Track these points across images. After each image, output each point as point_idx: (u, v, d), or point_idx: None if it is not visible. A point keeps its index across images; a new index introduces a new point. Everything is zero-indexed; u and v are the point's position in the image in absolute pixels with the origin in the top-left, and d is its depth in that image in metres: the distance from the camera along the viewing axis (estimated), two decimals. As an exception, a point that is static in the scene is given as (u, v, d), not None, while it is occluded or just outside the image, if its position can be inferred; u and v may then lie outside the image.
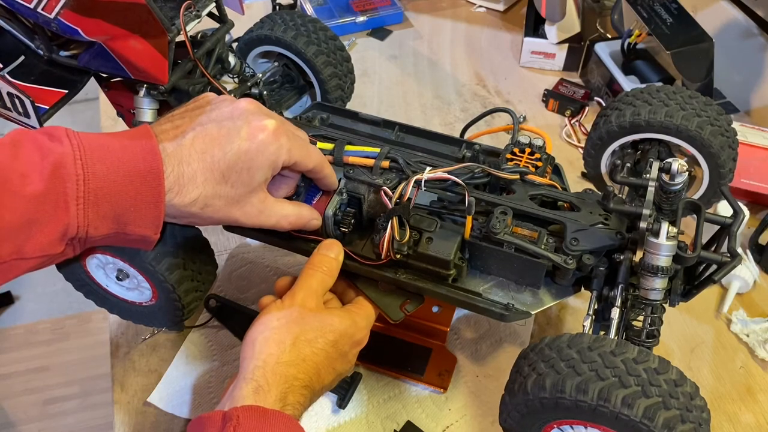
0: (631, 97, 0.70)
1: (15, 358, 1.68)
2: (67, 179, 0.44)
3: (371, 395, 0.67)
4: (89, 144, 0.45)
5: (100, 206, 0.45)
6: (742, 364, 0.70)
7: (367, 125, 0.70)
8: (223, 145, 0.49)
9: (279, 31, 0.79)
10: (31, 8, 0.56)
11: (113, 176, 0.45)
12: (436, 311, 0.71)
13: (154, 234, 0.48)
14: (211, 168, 0.49)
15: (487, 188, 0.62)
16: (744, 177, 0.80)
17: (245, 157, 0.50)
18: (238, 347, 0.70)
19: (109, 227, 0.46)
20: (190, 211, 0.49)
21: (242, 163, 0.50)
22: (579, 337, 0.50)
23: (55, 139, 0.45)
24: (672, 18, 0.89)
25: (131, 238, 0.48)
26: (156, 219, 0.48)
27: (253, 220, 0.53)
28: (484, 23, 1.19)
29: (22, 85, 0.63)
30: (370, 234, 0.61)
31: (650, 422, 0.46)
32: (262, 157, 0.50)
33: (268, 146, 0.50)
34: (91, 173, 0.44)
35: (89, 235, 0.46)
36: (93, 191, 0.44)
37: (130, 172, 0.46)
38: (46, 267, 0.48)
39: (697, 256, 0.54)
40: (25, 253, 0.44)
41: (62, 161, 0.44)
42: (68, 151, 0.44)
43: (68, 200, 0.44)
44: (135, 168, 0.46)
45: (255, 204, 0.53)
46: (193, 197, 0.48)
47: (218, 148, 0.49)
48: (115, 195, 0.45)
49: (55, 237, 0.44)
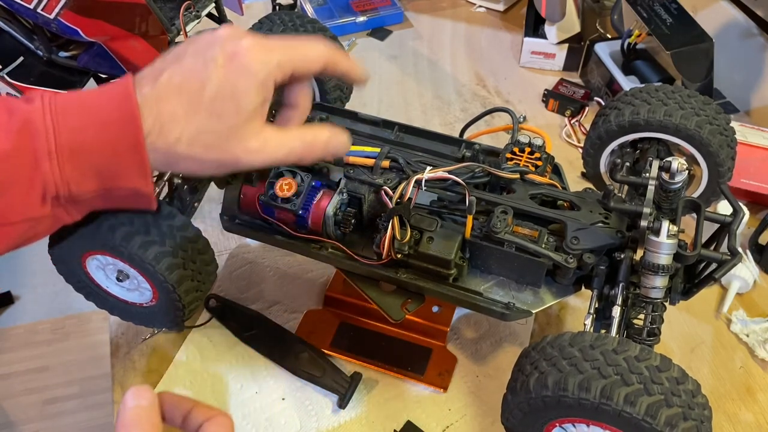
0: (630, 96, 0.70)
1: (15, 358, 1.68)
2: (36, 135, 0.42)
3: (371, 395, 0.67)
4: (62, 100, 0.43)
5: (78, 160, 0.43)
6: (741, 363, 0.70)
7: (366, 125, 0.70)
8: (201, 75, 0.45)
9: (278, 31, 0.79)
10: (31, 9, 0.56)
11: (87, 128, 0.43)
12: (436, 311, 0.71)
13: (145, 185, 0.45)
14: (190, 101, 0.45)
15: (487, 188, 0.62)
16: (744, 177, 0.80)
17: (226, 83, 0.45)
18: (239, 347, 0.70)
19: (95, 183, 0.44)
20: (177, 152, 0.45)
21: (225, 91, 0.45)
22: (581, 336, 0.51)
23: (28, 101, 0.43)
24: (672, 18, 0.89)
25: (125, 194, 0.45)
26: (141, 166, 0.44)
27: (260, 156, 0.47)
28: (484, 23, 1.19)
29: (21, 86, 0.63)
30: (371, 234, 0.61)
31: (652, 420, 0.46)
32: (246, 80, 0.45)
33: (249, 66, 0.45)
34: (63, 126, 0.42)
35: (73, 192, 0.43)
36: (66, 144, 0.42)
37: (104, 120, 0.43)
38: (41, 236, 0.46)
39: (698, 255, 0.54)
40: (7, 218, 0.42)
41: (30, 117, 0.42)
42: (38, 107, 0.42)
43: (39, 156, 0.42)
44: (109, 116, 0.43)
45: (254, 136, 0.47)
46: (176, 135, 0.44)
47: (195, 79, 0.45)
48: (91, 146, 0.43)
49: (34, 197, 0.42)
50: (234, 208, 0.64)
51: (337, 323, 0.71)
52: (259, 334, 0.71)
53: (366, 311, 0.70)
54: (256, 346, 0.70)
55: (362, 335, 0.70)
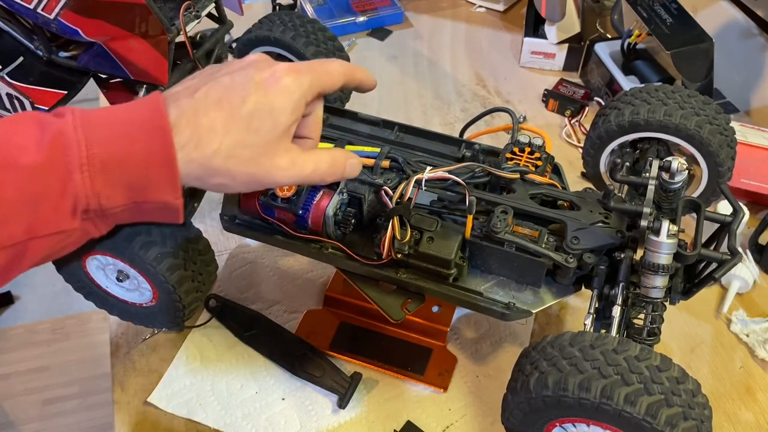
0: (629, 96, 0.70)
1: (15, 358, 1.68)
2: (68, 147, 0.42)
3: (371, 395, 0.67)
4: (92, 114, 0.44)
5: (109, 173, 0.43)
6: (741, 363, 0.70)
7: (366, 125, 0.70)
8: (240, 92, 0.46)
9: (278, 31, 0.79)
10: (31, 9, 0.56)
11: (118, 140, 0.43)
12: (436, 311, 0.71)
13: (175, 198, 0.45)
14: (231, 115, 0.46)
15: (487, 187, 0.62)
16: (744, 177, 0.80)
17: (264, 100, 0.47)
18: (239, 347, 0.71)
19: (125, 196, 0.44)
20: (213, 165, 0.45)
21: (263, 108, 0.46)
22: (581, 335, 0.51)
23: (58, 114, 0.44)
24: (672, 18, 0.89)
25: (153, 207, 0.45)
26: (172, 180, 0.44)
27: (289, 173, 0.48)
28: (484, 23, 1.19)
29: (21, 86, 0.63)
30: (371, 234, 0.61)
31: (653, 420, 0.46)
32: (282, 99, 0.47)
33: (285, 86, 0.47)
34: (94, 138, 0.42)
35: (103, 206, 0.44)
36: (97, 156, 0.42)
37: (135, 133, 0.43)
38: (68, 249, 0.46)
39: (698, 254, 0.54)
40: (37, 231, 0.42)
41: (62, 130, 0.42)
42: (69, 121, 0.43)
43: (71, 168, 0.42)
44: (140, 128, 0.43)
45: (285, 153, 0.48)
46: (214, 147, 0.45)
47: (234, 94, 0.46)
48: (122, 159, 0.43)
49: (65, 210, 0.42)
50: (234, 208, 0.64)
51: (337, 323, 0.71)
52: (259, 334, 0.71)
53: (366, 311, 0.70)
54: (256, 346, 0.70)
55: (362, 335, 0.70)
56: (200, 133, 0.45)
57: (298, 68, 0.49)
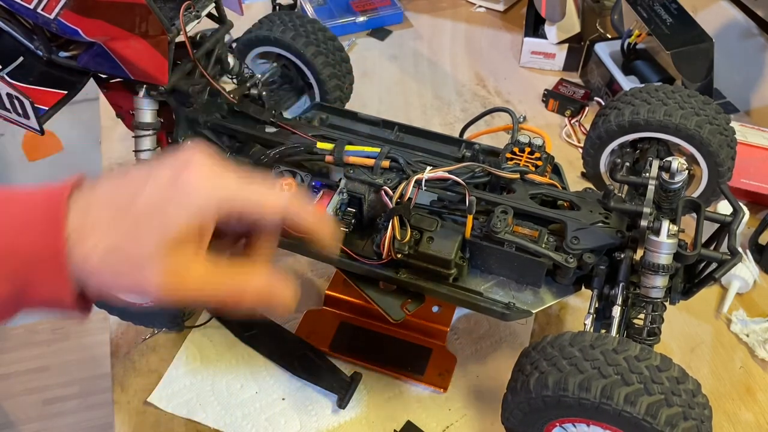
0: (629, 96, 0.70)
1: (15, 358, 1.68)
2: None
3: (371, 395, 0.67)
4: None
5: None
6: (741, 363, 0.70)
7: (366, 125, 0.70)
8: (134, 190, 0.40)
9: (278, 31, 0.79)
10: (31, 9, 0.56)
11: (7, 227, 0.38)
12: (436, 311, 0.71)
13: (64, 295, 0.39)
14: (117, 215, 0.39)
15: (487, 188, 0.62)
16: (744, 177, 0.80)
17: (158, 200, 0.39)
18: (239, 347, 0.70)
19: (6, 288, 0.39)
20: (89, 268, 0.39)
21: (153, 208, 0.39)
22: (581, 335, 0.51)
23: None
24: (672, 18, 0.89)
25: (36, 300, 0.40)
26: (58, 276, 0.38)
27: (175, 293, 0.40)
28: (484, 23, 1.19)
29: (21, 86, 0.63)
30: (371, 234, 0.61)
31: (653, 419, 0.46)
32: (180, 200, 0.39)
33: (190, 188, 0.39)
34: None
35: None
36: None
37: (28, 220, 0.39)
38: None
39: (698, 254, 0.54)
40: None
41: None
42: None
43: None
44: (33, 216, 0.39)
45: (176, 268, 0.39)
46: (90, 244, 0.39)
47: (127, 192, 0.40)
48: (9, 247, 0.38)
49: None
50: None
51: (337, 323, 0.71)
52: (259, 334, 0.71)
53: (366, 311, 0.70)
54: (256, 346, 0.70)
55: (362, 335, 0.70)
56: (84, 231, 0.39)
57: (222, 173, 0.41)
